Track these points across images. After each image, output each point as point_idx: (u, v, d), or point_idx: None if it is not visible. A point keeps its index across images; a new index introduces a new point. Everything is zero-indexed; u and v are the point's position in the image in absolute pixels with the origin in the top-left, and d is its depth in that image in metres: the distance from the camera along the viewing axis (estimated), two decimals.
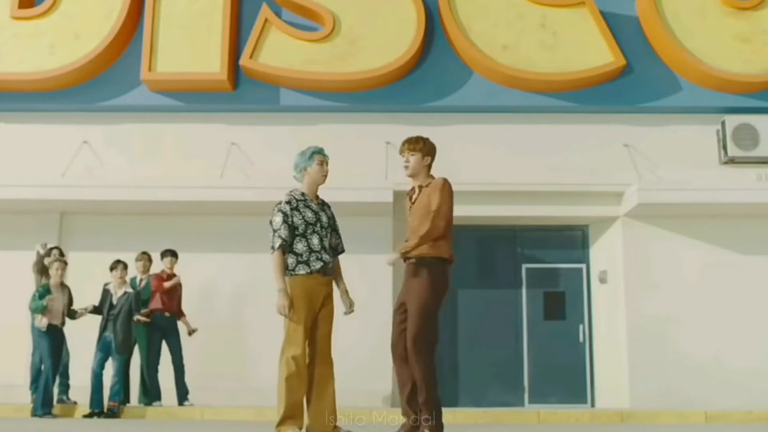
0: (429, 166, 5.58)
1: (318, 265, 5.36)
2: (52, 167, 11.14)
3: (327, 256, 5.43)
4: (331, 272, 5.50)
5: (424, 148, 5.55)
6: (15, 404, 9.88)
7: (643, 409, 9.92)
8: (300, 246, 5.35)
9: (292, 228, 5.34)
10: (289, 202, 5.40)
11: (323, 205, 5.58)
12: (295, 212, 5.37)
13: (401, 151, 5.58)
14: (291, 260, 5.35)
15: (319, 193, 5.59)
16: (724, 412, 9.45)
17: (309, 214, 5.40)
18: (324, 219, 5.50)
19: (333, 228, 5.63)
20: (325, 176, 5.51)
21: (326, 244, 5.45)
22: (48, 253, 10.01)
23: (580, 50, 11.22)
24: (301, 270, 5.33)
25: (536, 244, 11.92)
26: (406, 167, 5.55)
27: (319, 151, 5.55)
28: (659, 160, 11.25)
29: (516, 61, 11.21)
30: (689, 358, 10.86)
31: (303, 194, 5.50)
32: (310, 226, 5.38)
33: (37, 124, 11.54)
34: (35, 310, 9.31)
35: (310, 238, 5.37)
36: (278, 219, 5.34)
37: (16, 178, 10.83)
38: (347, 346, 11.21)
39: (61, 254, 9.97)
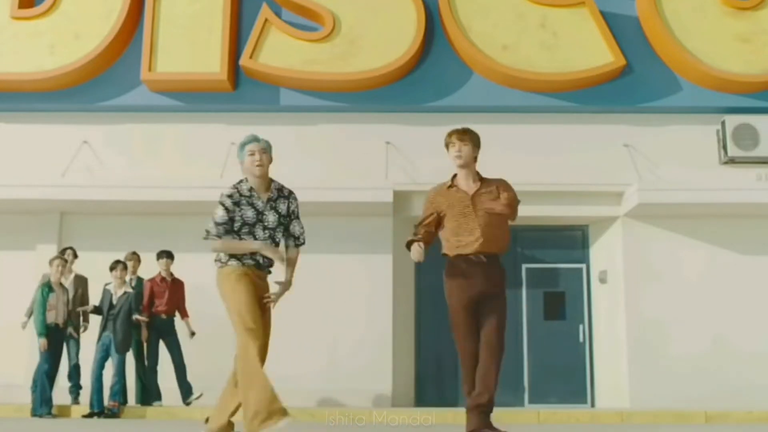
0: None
1: (250, 262, 5.02)
2: (52, 167, 11.14)
3: (262, 259, 5.03)
4: (268, 268, 5.11)
5: (474, 138, 5.49)
6: (15, 404, 9.89)
7: (643, 409, 9.92)
8: None
9: (232, 223, 4.99)
10: (231, 196, 5.00)
11: (277, 199, 5.10)
12: (237, 208, 4.98)
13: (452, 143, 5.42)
14: (223, 255, 5.04)
15: (277, 184, 5.13)
16: (724, 412, 9.44)
17: (249, 213, 4.97)
18: (271, 218, 5.02)
19: (291, 220, 5.17)
20: (260, 166, 5.02)
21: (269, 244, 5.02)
22: (61, 252, 10.04)
23: (580, 50, 11.21)
24: (233, 262, 5.03)
25: (536, 244, 11.91)
26: (459, 156, 5.41)
27: (251, 141, 5.14)
28: (659, 160, 11.25)
29: (516, 61, 11.20)
30: (689, 358, 10.86)
31: (250, 189, 5.05)
32: (247, 227, 4.98)
33: (37, 124, 11.54)
34: (39, 333, 9.31)
35: (245, 239, 4.99)
36: (220, 212, 4.99)
37: (16, 178, 10.82)
38: (348, 346, 11.26)
39: (75, 255, 10.03)
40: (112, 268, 9.59)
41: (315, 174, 11.08)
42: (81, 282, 10.08)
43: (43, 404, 9.16)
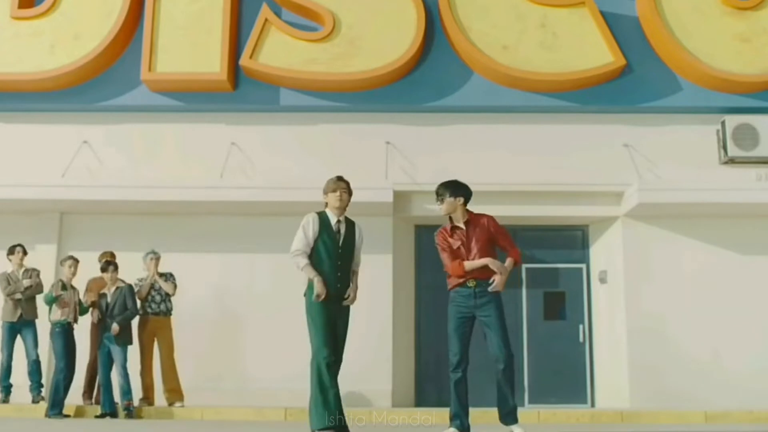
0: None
1: None
2: (52, 167, 11.14)
3: None
4: None
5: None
6: (13, 404, 9.91)
7: (643, 409, 9.92)
8: None
9: None
10: None
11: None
12: None
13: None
14: None
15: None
16: (724, 412, 9.44)
17: None
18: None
19: None
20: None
21: None
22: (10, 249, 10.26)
23: (580, 50, 11.21)
24: None
25: (536, 244, 11.90)
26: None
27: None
28: (659, 160, 11.25)
29: (516, 61, 11.20)
30: (689, 358, 10.86)
31: None
32: None
33: (37, 124, 11.54)
34: (48, 301, 9.48)
35: None
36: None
37: (16, 178, 10.83)
38: (348, 346, 11.24)
39: (25, 252, 10.20)
40: (103, 269, 9.62)
41: (315, 174, 11.05)
42: (33, 272, 10.17)
43: (56, 404, 9.21)
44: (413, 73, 11.45)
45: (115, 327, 9.28)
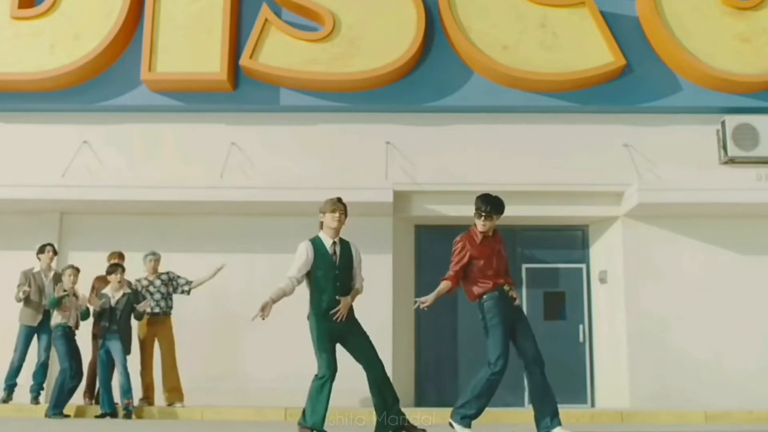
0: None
1: None
2: (52, 167, 11.14)
3: None
4: None
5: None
6: (14, 404, 9.90)
7: (643, 409, 9.92)
8: None
9: None
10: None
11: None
12: None
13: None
14: None
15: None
16: (724, 412, 9.45)
17: None
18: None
19: None
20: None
21: None
22: (40, 249, 10.22)
23: (580, 50, 11.20)
24: None
25: (536, 244, 11.91)
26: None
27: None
28: (659, 160, 11.25)
29: (516, 61, 11.20)
30: (689, 358, 10.86)
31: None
32: None
33: (37, 124, 11.54)
34: (51, 305, 9.54)
35: None
36: None
37: (16, 178, 10.83)
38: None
39: (55, 252, 10.22)
40: (110, 272, 9.62)
41: (315, 174, 11.08)
42: (59, 278, 10.17)
43: (57, 404, 9.23)
44: (413, 73, 11.45)
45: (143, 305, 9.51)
